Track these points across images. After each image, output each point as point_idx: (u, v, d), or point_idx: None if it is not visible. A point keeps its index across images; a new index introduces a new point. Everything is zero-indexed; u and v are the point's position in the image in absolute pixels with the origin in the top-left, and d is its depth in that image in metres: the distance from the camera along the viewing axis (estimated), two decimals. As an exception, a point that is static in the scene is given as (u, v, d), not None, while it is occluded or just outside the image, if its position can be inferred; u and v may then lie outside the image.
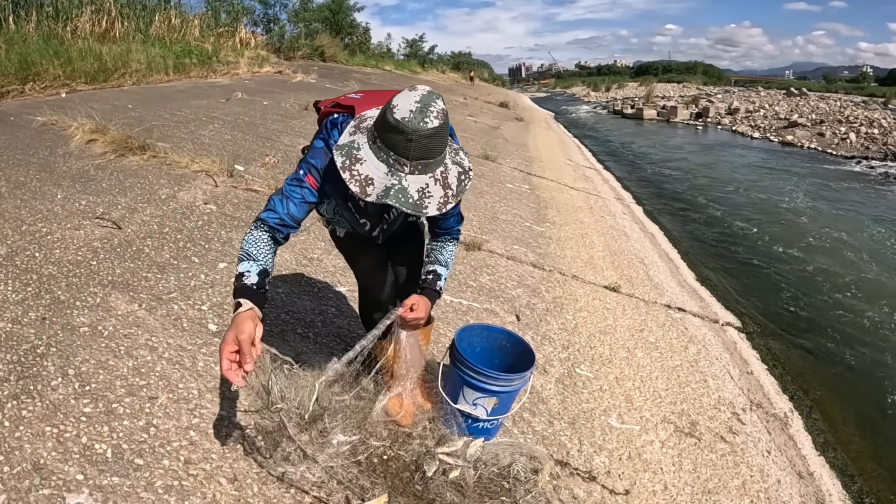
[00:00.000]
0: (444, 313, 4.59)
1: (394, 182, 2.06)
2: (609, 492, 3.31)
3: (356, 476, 2.70)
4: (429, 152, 2.07)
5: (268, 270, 2.27)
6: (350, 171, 2.07)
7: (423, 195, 2.10)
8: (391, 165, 2.06)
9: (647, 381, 4.67)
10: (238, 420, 2.88)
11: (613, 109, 47.48)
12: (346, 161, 2.09)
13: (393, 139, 2.03)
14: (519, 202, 9.14)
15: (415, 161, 2.06)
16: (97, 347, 3.11)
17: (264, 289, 2.23)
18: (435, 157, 2.11)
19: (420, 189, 2.09)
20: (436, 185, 2.13)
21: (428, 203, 2.11)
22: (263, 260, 2.26)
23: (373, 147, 2.10)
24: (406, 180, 2.07)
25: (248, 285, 2.19)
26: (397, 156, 2.05)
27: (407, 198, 2.07)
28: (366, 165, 2.08)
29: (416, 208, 2.08)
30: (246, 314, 2.09)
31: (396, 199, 2.05)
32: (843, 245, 11.04)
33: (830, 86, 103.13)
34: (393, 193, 2.04)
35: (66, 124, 6.75)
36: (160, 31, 15.66)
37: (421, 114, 2.01)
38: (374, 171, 2.07)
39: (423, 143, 2.03)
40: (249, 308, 2.13)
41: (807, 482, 4.14)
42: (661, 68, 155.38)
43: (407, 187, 2.07)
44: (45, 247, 4.09)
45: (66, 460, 2.36)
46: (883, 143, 25.57)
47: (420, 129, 2.00)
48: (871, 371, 6.31)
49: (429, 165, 2.10)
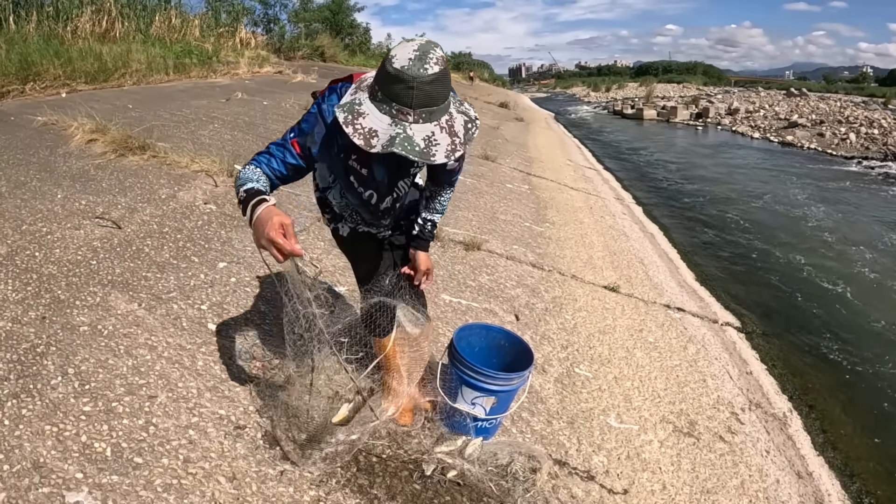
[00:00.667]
0: (443, 313, 4.60)
1: (398, 131, 2.02)
2: (607, 491, 3.32)
3: (355, 475, 2.71)
4: (432, 99, 2.03)
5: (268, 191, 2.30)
6: (353, 125, 2.04)
7: (429, 143, 2.06)
8: (394, 116, 2.03)
9: (646, 380, 4.68)
10: (237, 419, 2.88)
11: (613, 110, 47.50)
12: (349, 116, 2.06)
13: (394, 89, 2.00)
14: (518, 202, 9.15)
15: (418, 109, 2.02)
16: (97, 346, 3.12)
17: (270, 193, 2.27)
18: (438, 105, 2.06)
19: (426, 137, 2.06)
20: (442, 133, 2.09)
21: (435, 151, 2.07)
22: (262, 184, 2.29)
23: (374, 101, 2.07)
24: (411, 129, 2.03)
25: (260, 189, 2.23)
26: (400, 105, 2.01)
27: (413, 145, 2.02)
28: (368, 119, 2.04)
29: (423, 156, 2.04)
30: (274, 208, 2.14)
31: (402, 146, 2.00)
32: (843, 245, 11.05)
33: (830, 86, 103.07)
34: (398, 142, 2.00)
35: (66, 124, 6.75)
36: (160, 32, 15.64)
37: (420, 61, 1.98)
38: (378, 124, 2.03)
39: (424, 90, 1.99)
40: (275, 203, 2.18)
41: (805, 482, 4.15)
42: (661, 69, 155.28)
43: (412, 136, 2.03)
44: (45, 246, 4.10)
45: (65, 459, 2.37)
46: (883, 143, 25.58)
47: (420, 76, 1.97)
48: (870, 371, 6.31)
49: (433, 113, 2.06)
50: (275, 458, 2.68)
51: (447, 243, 6.07)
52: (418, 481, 2.80)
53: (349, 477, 2.69)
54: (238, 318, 3.71)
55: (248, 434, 2.80)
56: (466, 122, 2.20)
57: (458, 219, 7.12)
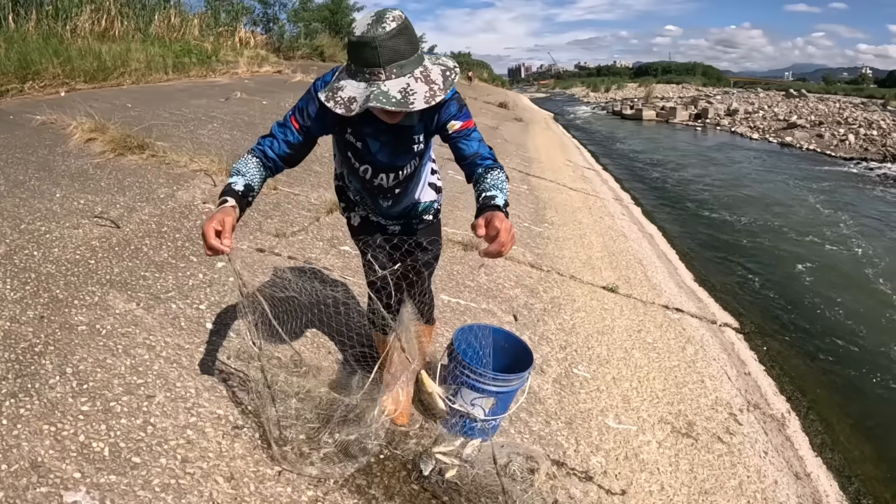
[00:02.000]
0: (441, 313, 4.59)
1: (373, 89, 2.08)
2: (605, 492, 3.32)
3: (353, 475, 2.71)
4: (398, 54, 2.08)
5: (252, 186, 2.38)
6: (333, 99, 2.14)
7: (405, 94, 2.09)
8: (368, 80, 2.09)
9: (645, 381, 4.68)
10: (235, 419, 2.88)
11: (613, 110, 47.58)
12: (329, 93, 2.17)
13: (361, 55, 2.07)
14: (517, 202, 9.13)
15: (388, 66, 2.08)
16: (95, 346, 3.11)
17: (247, 198, 2.35)
18: (407, 58, 2.12)
19: (402, 89, 2.10)
20: (417, 83, 2.12)
21: (414, 99, 2.09)
22: (250, 177, 2.38)
23: (349, 74, 2.15)
24: (385, 85, 2.09)
25: (234, 189, 2.31)
26: (370, 68, 2.08)
27: (389, 98, 2.07)
28: (346, 90, 2.13)
29: (400, 105, 2.08)
30: (230, 208, 2.25)
31: (377, 100, 2.06)
32: (842, 247, 11.08)
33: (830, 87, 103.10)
34: (373, 97, 2.06)
35: (65, 123, 6.74)
36: (160, 31, 15.62)
37: (377, 22, 2.05)
38: (355, 91, 2.11)
39: (388, 46, 2.05)
40: (233, 205, 2.27)
41: (804, 483, 4.16)
42: (660, 69, 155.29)
43: (387, 90, 2.08)
44: (44, 245, 4.09)
45: (63, 458, 2.37)
46: (882, 144, 25.63)
47: (380, 34, 2.03)
48: (868, 372, 6.32)
49: (404, 66, 2.11)
50: (272, 458, 2.68)
51: (446, 243, 6.06)
52: (416, 482, 2.80)
53: (347, 477, 2.70)
54: (236, 318, 3.70)
55: (247, 434, 2.80)
56: (444, 70, 2.23)
57: (457, 218, 7.12)
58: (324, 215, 5.72)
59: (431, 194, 2.91)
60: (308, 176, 7.14)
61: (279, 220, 5.47)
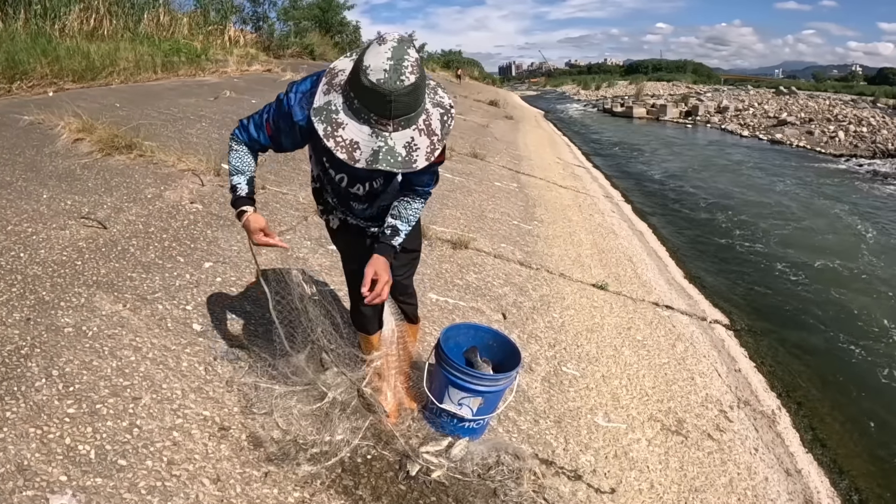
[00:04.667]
0: (430, 312, 4.59)
1: (380, 144, 2.03)
2: (595, 490, 3.32)
3: (340, 476, 2.71)
4: (410, 108, 2.02)
5: (252, 178, 2.63)
6: (333, 138, 2.05)
7: (410, 149, 2.07)
8: (373, 126, 2.03)
9: (634, 379, 4.68)
10: (222, 420, 2.87)
11: (603, 108, 47.61)
12: (328, 128, 2.06)
13: (371, 101, 1.98)
14: (507, 200, 9.14)
15: (397, 119, 2.02)
16: (81, 348, 3.10)
17: (253, 195, 2.62)
18: (416, 110, 2.07)
19: (406, 144, 2.07)
20: (421, 136, 2.09)
21: (416, 157, 2.09)
22: (249, 170, 2.61)
23: (352, 109, 2.05)
24: (391, 139, 2.04)
25: (244, 196, 2.58)
26: (378, 116, 2.00)
27: (395, 157, 2.04)
28: (348, 129, 2.04)
29: (405, 165, 2.07)
30: (255, 214, 2.57)
31: (386, 161, 2.03)
32: (831, 243, 11.12)
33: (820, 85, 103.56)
34: (382, 157, 2.03)
35: (53, 123, 6.70)
36: (149, 29, 15.58)
37: (396, 72, 1.94)
38: (358, 135, 2.04)
39: (403, 101, 1.98)
40: (254, 210, 2.58)
41: (794, 479, 4.16)
42: (651, 67, 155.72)
43: (393, 146, 2.04)
44: (31, 247, 4.07)
45: (49, 461, 2.36)
46: (871, 141, 25.75)
47: (398, 89, 1.94)
48: (858, 368, 6.35)
49: (410, 119, 2.06)
50: (259, 459, 2.68)
51: (434, 242, 6.06)
52: (403, 482, 2.80)
53: (334, 478, 2.69)
54: (223, 319, 3.70)
55: (233, 435, 2.79)
56: (442, 114, 2.20)
57: (446, 217, 7.12)
58: (312, 214, 5.70)
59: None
60: (296, 175, 7.12)
61: (267, 220, 5.44)
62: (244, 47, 20.06)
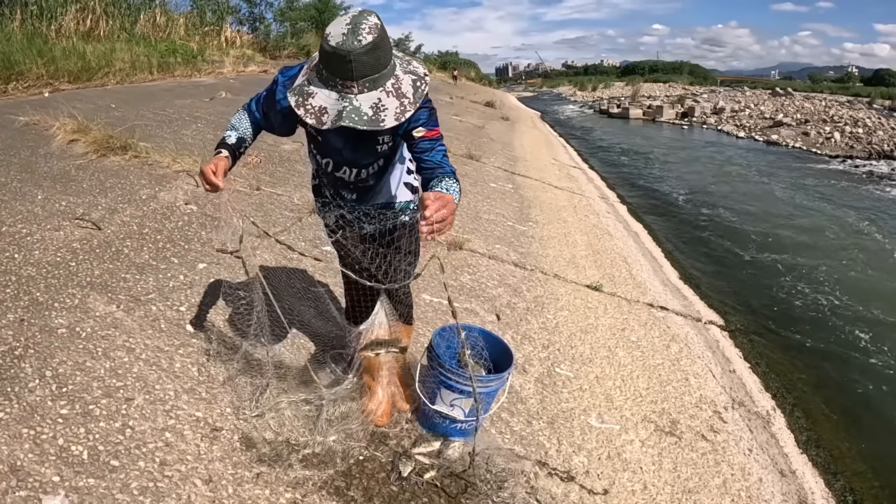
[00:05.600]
0: (423, 313, 4.59)
1: (345, 105, 2.11)
2: (587, 492, 3.32)
3: (332, 477, 2.71)
4: (372, 68, 2.09)
5: (245, 138, 2.66)
6: (304, 107, 2.16)
7: (377, 110, 2.13)
8: (339, 90, 2.12)
9: (628, 380, 4.68)
10: (214, 421, 2.88)
11: (600, 109, 47.67)
12: (299, 99, 2.18)
13: (334, 65, 2.08)
14: (502, 201, 9.15)
15: (360, 80, 2.09)
16: (75, 349, 3.11)
17: (239, 149, 2.64)
18: (381, 72, 2.13)
19: (373, 105, 2.13)
20: (389, 98, 2.15)
21: (384, 116, 2.13)
22: (243, 130, 2.65)
23: (321, 80, 2.16)
24: (357, 100, 2.11)
25: (227, 142, 2.60)
26: (342, 80, 2.09)
27: (360, 115, 2.11)
28: (317, 97, 2.15)
29: (372, 123, 2.12)
30: (223, 157, 2.53)
31: (350, 119, 2.10)
32: (826, 243, 11.15)
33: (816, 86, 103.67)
34: (346, 114, 2.10)
35: (48, 124, 6.70)
36: (145, 30, 15.59)
37: (353, 34, 2.04)
38: (326, 100, 2.13)
39: (362, 61, 2.05)
40: (226, 155, 2.55)
41: (789, 480, 4.17)
42: (647, 68, 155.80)
43: (359, 106, 2.11)
44: (25, 248, 4.07)
45: (42, 462, 2.37)
46: (867, 142, 25.79)
47: (355, 49, 2.03)
48: (853, 369, 6.36)
49: (376, 80, 2.12)
50: (251, 460, 2.68)
51: (428, 243, 6.05)
52: (396, 483, 2.80)
53: (326, 479, 2.69)
54: (216, 320, 3.70)
55: (225, 436, 2.79)
56: (415, 80, 2.26)
57: (441, 218, 7.12)
58: (307, 215, 5.70)
59: (407, 194, 2.90)
60: (291, 176, 7.13)
61: (262, 221, 5.45)
62: (240, 48, 20.07)
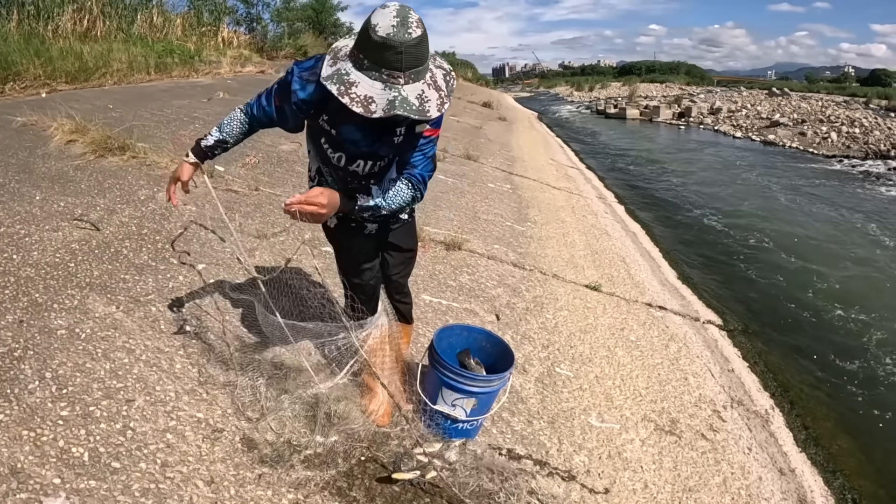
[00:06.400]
0: (423, 313, 4.59)
1: (394, 94, 2.14)
2: (588, 491, 3.32)
3: (333, 477, 2.71)
4: (418, 60, 2.14)
5: (227, 141, 2.76)
6: (348, 95, 2.14)
7: (422, 100, 2.19)
8: (385, 81, 2.14)
9: (628, 379, 4.69)
10: (215, 422, 2.87)
11: (597, 109, 47.61)
12: (342, 87, 2.16)
13: (383, 56, 2.10)
14: (500, 202, 9.16)
15: (408, 71, 2.14)
16: (74, 350, 3.10)
17: (214, 151, 2.78)
18: (424, 64, 2.19)
19: (418, 95, 2.19)
20: (430, 90, 2.22)
21: (429, 107, 2.20)
22: (228, 132, 2.73)
23: (362, 70, 2.16)
24: (404, 90, 2.16)
25: (201, 146, 2.75)
26: (390, 70, 2.12)
27: (410, 105, 2.16)
28: (361, 87, 2.15)
29: (420, 113, 2.18)
30: (189, 164, 2.75)
31: (402, 108, 2.14)
32: (824, 243, 11.16)
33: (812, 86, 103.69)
34: (398, 104, 2.14)
35: (45, 125, 6.69)
36: (142, 30, 15.57)
37: (403, 26, 2.08)
38: (371, 90, 2.14)
39: (412, 53, 2.10)
40: (193, 161, 2.75)
41: (788, 479, 4.17)
42: (644, 68, 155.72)
43: (407, 96, 2.16)
44: (23, 249, 4.07)
45: (43, 464, 2.36)
46: (864, 142, 25.81)
47: (407, 41, 2.07)
48: (851, 367, 6.37)
49: (420, 73, 2.18)
50: (253, 461, 2.68)
51: (427, 243, 6.06)
52: (397, 483, 2.79)
53: (328, 479, 2.69)
54: (216, 321, 3.69)
55: (226, 437, 2.79)
56: (445, 74, 2.34)
57: (440, 218, 7.12)
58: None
59: None
60: (289, 177, 7.13)
61: (260, 222, 5.45)
62: (237, 48, 20.04)
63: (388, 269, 3.07)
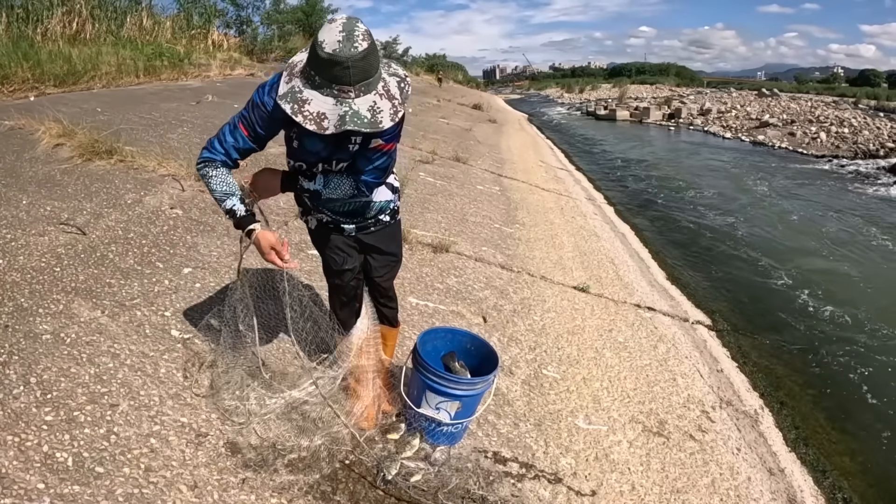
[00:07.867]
0: (409, 316, 4.59)
1: (345, 109, 2.19)
2: (575, 493, 3.33)
3: (318, 481, 2.71)
4: (367, 73, 2.19)
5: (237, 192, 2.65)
6: (301, 113, 2.21)
7: (374, 112, 2.23)
8: (336, 96, 2.20)
9: (616, 381, 4.69)
10: (199, 427, 2.87)
11: (587, 111, 47.74)
12: (295, 106, 2.23)
13: (331, 72, 2.15)
14: (489, 204, 9.15)
15: (357, 85, 2.19)
16: (59, 355, 3.09)
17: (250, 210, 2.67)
18: (373, 76, 2.23)
19: (370, 107, 2.23)
20: (382, 100, 2.26)
21: (381, 118, 2.25)
22: (236, 190, 2.62)
23: (314, 87, 2.22)
24: (355, 104, 2.20)
25: (246, 215, 2.63)
26: (340, 85, 2.18)
27: (361, 119, 2.20)
28: (314, 104, 2.21)
29: (372, 125, 2.23)
30: (265, 231, 2.65)
31: (353, 122, 2.19)
32: (813, 243, 11.20)
33: (802, 87, 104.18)
34: (349, 119, 2.19)
35: (33, 128, 6.66)
36: (132, 33, 15.53)
37: (349, 41, 2.12)
38: (323, 106, 2.20)
39: (359, 66, 2.15)
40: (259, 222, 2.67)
41: (778, 478, 4.18)
42: (634, 70, 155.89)
43: (358, 110, 2.21)
44: (9, 253, 4.05)
45: (27, 469, 2.36)
46: (853, 141, 25.92)
47: (353, 55, 2.12)
48: (840, 366, 6.38)
49: (370, 84, 2.23)
50: (237, 465, 2.68)
51: (415, 245, 6.06)
52: (381, 487, 2.80)
53: (311, 483, 2.69)
54: (202, 325, 3.68)
55: (210, 442, 2.79)
56: (399, 82, 2.39)
57: (427, 221, 7.12)
58: (293, 219, 5.69)
59: (387, 194, 2.92)
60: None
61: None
62: (227, 51, 20.03)
63: (371, 272, 3.07)
